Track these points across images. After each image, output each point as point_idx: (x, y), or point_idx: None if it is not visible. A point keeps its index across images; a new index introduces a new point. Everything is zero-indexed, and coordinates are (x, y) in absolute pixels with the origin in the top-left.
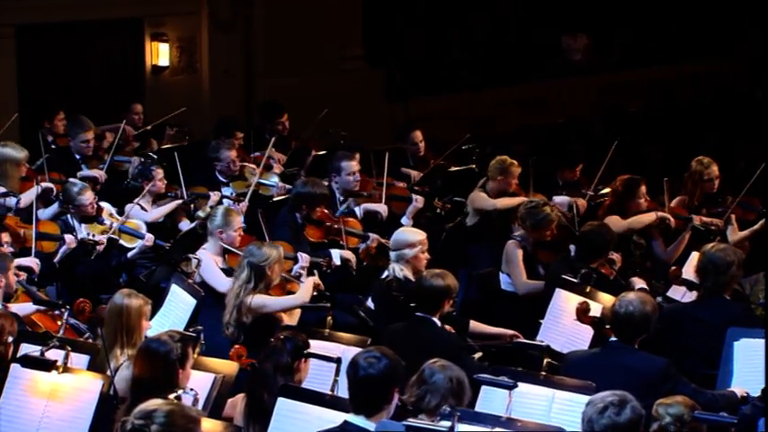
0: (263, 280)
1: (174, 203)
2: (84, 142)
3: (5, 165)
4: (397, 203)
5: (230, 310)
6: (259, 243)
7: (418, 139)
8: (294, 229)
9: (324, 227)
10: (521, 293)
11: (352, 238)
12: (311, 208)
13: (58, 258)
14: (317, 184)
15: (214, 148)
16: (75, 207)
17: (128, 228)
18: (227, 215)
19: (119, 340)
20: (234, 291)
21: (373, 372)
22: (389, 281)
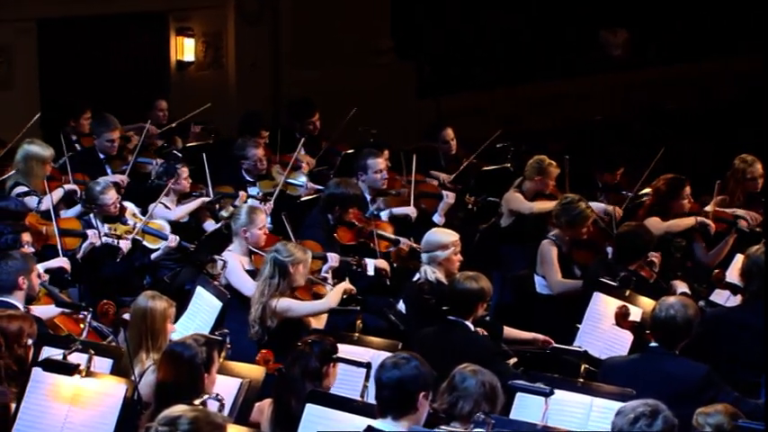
0: (286, 278)
1: (198, 201)
2: (110, 141)
3: (31, 162)
4: (427, 201)
5: (256, 309)
6: (287, 242)
7: (449, 137)
8: (326, 231)
9: (355, 229)
10: (555, 293)
11: (383, 241)
12: (344, 209)
13: (81, 255)
14: (350, 185)
15: (240, 147)
16: (97, 206)
17: (151, 228)
18: (251, 213)
19: (143, 344)
20: (258, 288)
21: (398, 373)
22: (421, 283)
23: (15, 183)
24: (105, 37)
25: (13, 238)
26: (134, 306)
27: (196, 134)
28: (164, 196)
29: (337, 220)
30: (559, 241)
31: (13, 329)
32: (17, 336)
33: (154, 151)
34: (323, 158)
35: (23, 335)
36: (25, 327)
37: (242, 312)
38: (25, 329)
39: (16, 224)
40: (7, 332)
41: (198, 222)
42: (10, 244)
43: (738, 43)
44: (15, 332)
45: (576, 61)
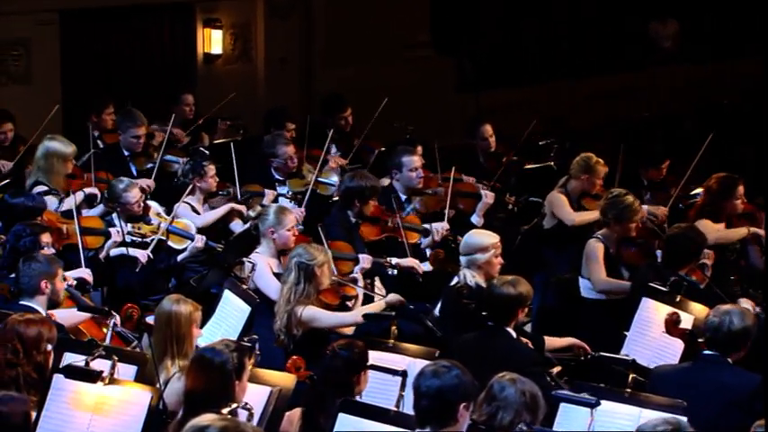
0: (312, 282)
1: (226, 207)
2: (135, 138)
3: (51, 159)
4: (465, 201)
5: (281, 317)
6: (307, 243)
7: (488, 134)
8: (347, 229)
9: (380, 224)
10: (597, 290)
11: (411, 233)
12: (363, 202)
13: (104, 254)
14: (365, 177)
15: (269, 143)
16: (120, 205)
17: (176, 228)
18: (279, 213)
19: (168, 350)
20: (284, 295)
21: (438, 382)
22: (459, 288)
23: (35, 181)
24: (129, 28)
25: (32, 239)
26: (159, 310)
27: (224, 130)
28: (189, 195)
29: (358, 215)
30: (607, 241)
31: (31, 334)
32: (36, 341)
33: (180, 148)
34: (356, 156)
35: (42, 340)
36: (44, 331)
37: (270, 318)
38: (44, 334)
39: (35, 224)
40: (25, 337)
41: (225, 223)
42: (29, 246)
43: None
44: (34, 337)
45: (624, 55)
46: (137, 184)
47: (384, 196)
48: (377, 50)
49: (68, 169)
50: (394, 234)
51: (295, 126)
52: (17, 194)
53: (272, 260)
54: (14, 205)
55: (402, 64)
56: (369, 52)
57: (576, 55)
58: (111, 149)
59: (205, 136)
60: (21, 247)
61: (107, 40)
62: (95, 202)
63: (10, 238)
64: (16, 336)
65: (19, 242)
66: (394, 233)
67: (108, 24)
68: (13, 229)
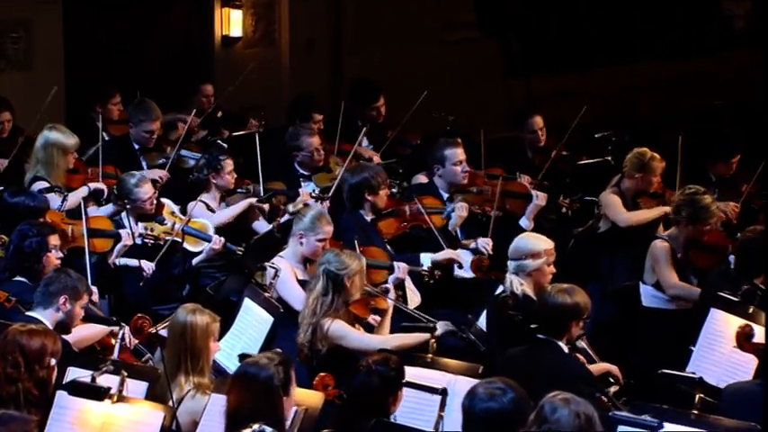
0: (341, 293)
1: (245, 203)
2: (148, 132)
3: (51, 150)
4: (513, 201)
5: (305, 329)
6: (338, 250)
7: (538, 127)
8: (363, 230)
9: (398, 215)
10: (670, 294)
11: (434, 216)
12: (374, 193)
13: (114, 258)
14: (364, 167)
15: (293, 135)
16: (131, 202)
17: (192, 229)
18: (316, 219)
19: (183, 365)
20: (309, 306)
21: (496, 405)
22: (505, 297)
23: (34, 176)
24: (139, 8)
25: (39, 241)
26: (172, 321)
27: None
28: (205, 193)
29: (373, 211)
30: (674, 242)
31: (34, 347)
32: (39, 354)
33: (195, 142)
34: (389, 150)
35: (46, 353)
36: (48, 344)
37: (293, 329)
38: (48, 347)
39: (43, 224)
40: (27, 350)
41: (246, 223)
42: (35, 247)
43: None
44: (37, 350)
45: (692, 37)
46: (149, 179)
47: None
48: (413, 32)
49: (70, 163)
50: (417, 222)
51: (323, 117)
52: (17, 193)
53: (297, 266)
54: (14, 205)
55: (442, 47)
56: (404, 34)
57: (638, 37)
58: (119, 142)
59: (225, 131)
60: (26, 248)
61: (115, 20)
62: (102, 199)
63: (14, 237)
64: (18, 348)
65: (24, 242)
66: (416, 221)
67: (116, 5)
68: (19, 228)
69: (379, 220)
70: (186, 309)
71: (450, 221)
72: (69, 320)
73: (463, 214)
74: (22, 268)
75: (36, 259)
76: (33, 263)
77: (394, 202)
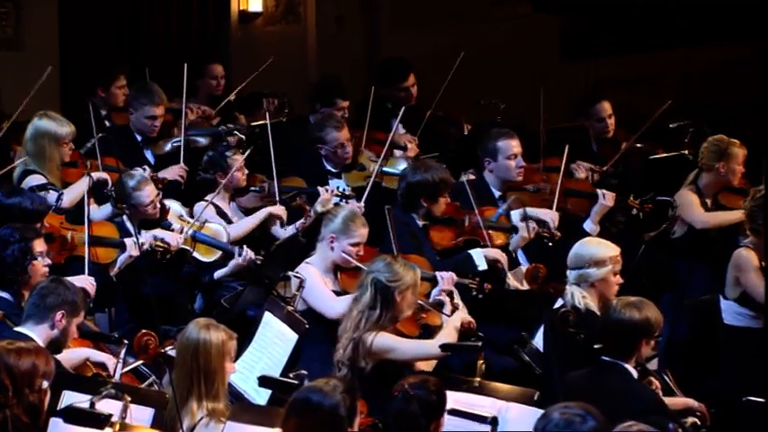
0: (390, 308)
1: (264, 212)
2: (150, 119)
3: (42, 141)
4: (575, 201)
5: (345, 345)
6: (390, 257)
7: (606, 113)
8: (414, 237)
9: (454, 225)
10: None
11: (497, 233)
12: (432, 200)
13: (116, 270)
14: (431, 167)
15: (317, 126)
16: (130, 206)
17: (204, 235)
18: (349, 220)
19: (194, 388)
20: (352, 318)
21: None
22: (564, 312)
23: (24, 170)
24: None
25: (22, 248)
26: (182, 338)
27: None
28: (214, 195)
29: (426, 217)
30: (758, 249)
31: (23, 368)
32: (29, 376)
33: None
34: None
35: (37, 375)
36: (39, 364)
37: (325, 346)
38: (39, 368)
39: (26, 228)
40: (16, 372)
41: (264, 226)
42: (18, 256)
43: None
44: (27, 371)
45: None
46: (149, 181)
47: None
48: (459, 7)
49: (65, 155)
50: (473, 236)
51: (348, 104)
52: (13, 193)
53: (326, 275)
54: (9, 207)
55: (491, 24)
56: (448, 10)
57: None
58: (122, 132)
59: (241, 117)
60: (8, 257)
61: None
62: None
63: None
64: (4, 369)
65: (6, 250)
66: (473, 235)
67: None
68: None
69: (433, 227)
70: (198, 324)
71: (512, 241)
72: (63, 339)
73: (527, 236)
74: (4, 280)
75: (20, 269)
76: (17, 273)
77: (452, 209)
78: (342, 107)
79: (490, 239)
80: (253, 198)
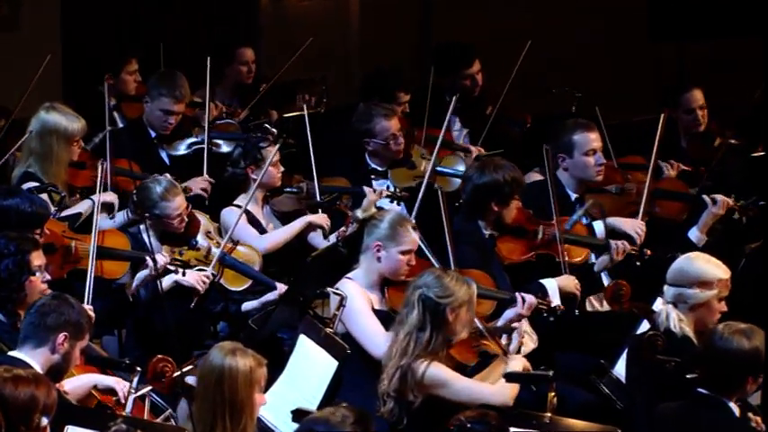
0: (442, 329)
1: (302, 222)
2: (165, 113)
3: (50, 138)
4: (667, 205)
5: (391, 374)
6: (441, 270)
7: (697, 104)
8: (480, 248)
9: (527, 236)
10: None
11: (576, 248)
12: (504, 204)
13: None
14: (501, 166)
15: (363, 117)
16: (153, 216)
17: (233, 260)
18: (397, 225)
19: (219, 423)
20: (398, 342)
21: None
22: (652, 336)
23: (25, 173)
24: None
25: (16, 261)
26: (204, 365)
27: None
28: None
29: (495, 226)
30: None
31: (21, 400)
32: (26, 410)
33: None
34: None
35: (36, 409)
36: (39, 396)
37: (366, 376)
38: (39, 400)
39: (22, 238)
40: (11, 403)
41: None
42: (13, 271)
43: None
44: (24, 404)
45: None
46: (179, 189)
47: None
48: None
49: (74, 154)
50: (548, 251)
51: (409, 97)
52: (9, 194)
53: (372, 292)
54: (5, 210)
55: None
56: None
57: None
58: (133, 126)
59: (273, 112)
60: (1, 271)
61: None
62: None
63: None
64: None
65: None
66: (548, 249)
67: None
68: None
69: (501, 239)
70: (223, 349)
71: (598, 262)
72: (65, 365)
73: (618, 258)
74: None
75: (16, 286)
76: (12, 291)
77: (524, 216)
78: (403, 101)
79: (568, 255)
80: (289, 200)
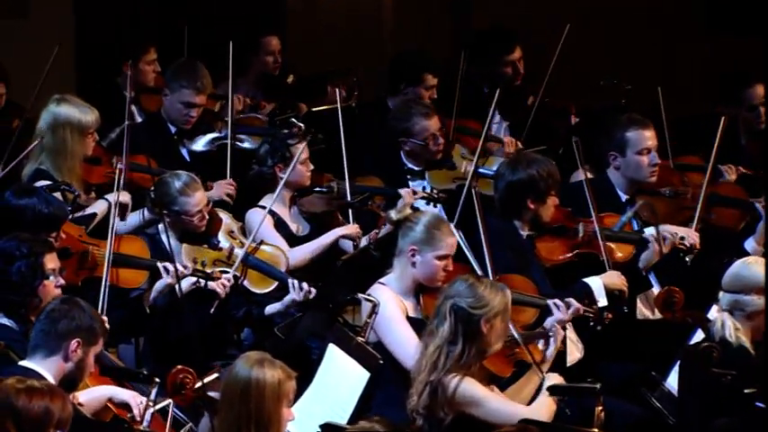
0: (475, 341)
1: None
2: (186, 106)
3: (62, 132)
4: (721, 211)
5: (420, 390)
6: (473, 278)
7: (758, 100)
8: (518, 250)
9: (567, 235)
10: None
11: (619, 245)
12: (540, 200)
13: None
14: (534, 160)
15: (400, 114)
16: (172, 213)
17: (258, 261)
18: (433, 227)
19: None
20: (428, 356)
21: None
22: (708, 347)
23: (36, 170)
24: None
25: (30, 264)
26: (228, 377)
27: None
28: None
29: (533, 224)
30: None
31: (34, 413)
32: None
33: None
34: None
35: (50, 423)
36: (54, 409)
37: (400, 387)
38: (54, 413)
39: (34, 241)
40: (24, 416)
41: None
42: (26, 274)
43: None
44: (37, 418)
45: None
46: (200, 184)
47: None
48: None
49: (89, 148)
50: (590, 249)
51: (437, 81)
52: (24, 192)
53: (406, 298)
54: (20, 209)
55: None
56: None
57: None
58: (153, 121)
59: (303, 106)
60: (13, 275)
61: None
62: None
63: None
64: (10, 414)
65: (10, 267)
66: (590, 248)
67: None
68: (0, 246)
69: (540, 239)
70: (249, 360)
71: (642, 257)
72: (79, 374)
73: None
74: (8, 304)
75: (28, 290)
76: (24, 295)
77: (563, 214)
78: (431, 84)
79: (609, 254)
80: (318, 201)
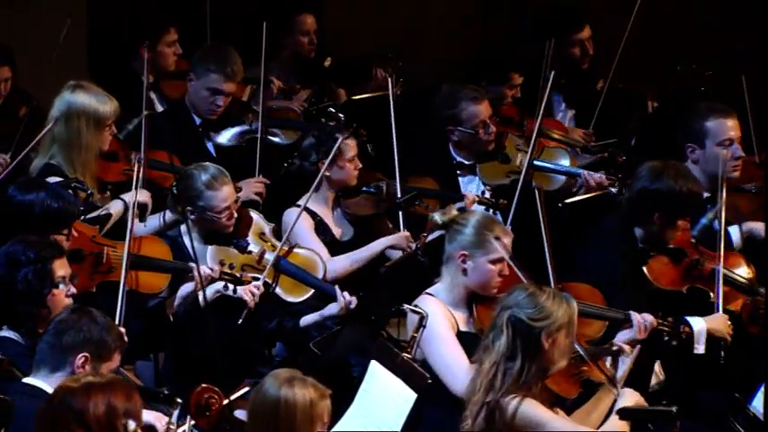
0: (536, 357)
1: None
2: (213, 92)
3: (77, 123)
4: None
5: (475, 412)
6: (533, 287)
7: None
8: (631, 261)
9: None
10: None
11: (736, 294)
12: (670, 223)
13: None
14: (681, 174)
15: (448, 101)
16: (197, 210)
17: (290, 266)
18: (484, 229)
19: None
20: (483, 374)
21: None
22: None
23: (46, 165)
24: None
25: (38, 270)
26: (257, 396)
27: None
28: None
29: (654, 242)
30: None
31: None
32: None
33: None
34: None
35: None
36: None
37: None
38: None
39: (42, 244)
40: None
41: None
42: (33, 282)
43: None
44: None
45: None
46: (228, 178)
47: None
48: None
49: (105, 142)
50: (705, 286)
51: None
52: (32, 187)
53: (456, 309)
54: (27, 205)
55: None
56: None
57: None
58: (176, 110)
59: (341, 92)
60: (18, 282)
61: None
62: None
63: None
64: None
65: (18, 272)
66: (705, 286)
67: None
68: (5, 250)
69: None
70: (278, 378)
71: None
72: None
73: None
74: (14, 316)
75: (36, 300)
76: (31, 306)
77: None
78: (516, 83)
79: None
80: (364, 202)
